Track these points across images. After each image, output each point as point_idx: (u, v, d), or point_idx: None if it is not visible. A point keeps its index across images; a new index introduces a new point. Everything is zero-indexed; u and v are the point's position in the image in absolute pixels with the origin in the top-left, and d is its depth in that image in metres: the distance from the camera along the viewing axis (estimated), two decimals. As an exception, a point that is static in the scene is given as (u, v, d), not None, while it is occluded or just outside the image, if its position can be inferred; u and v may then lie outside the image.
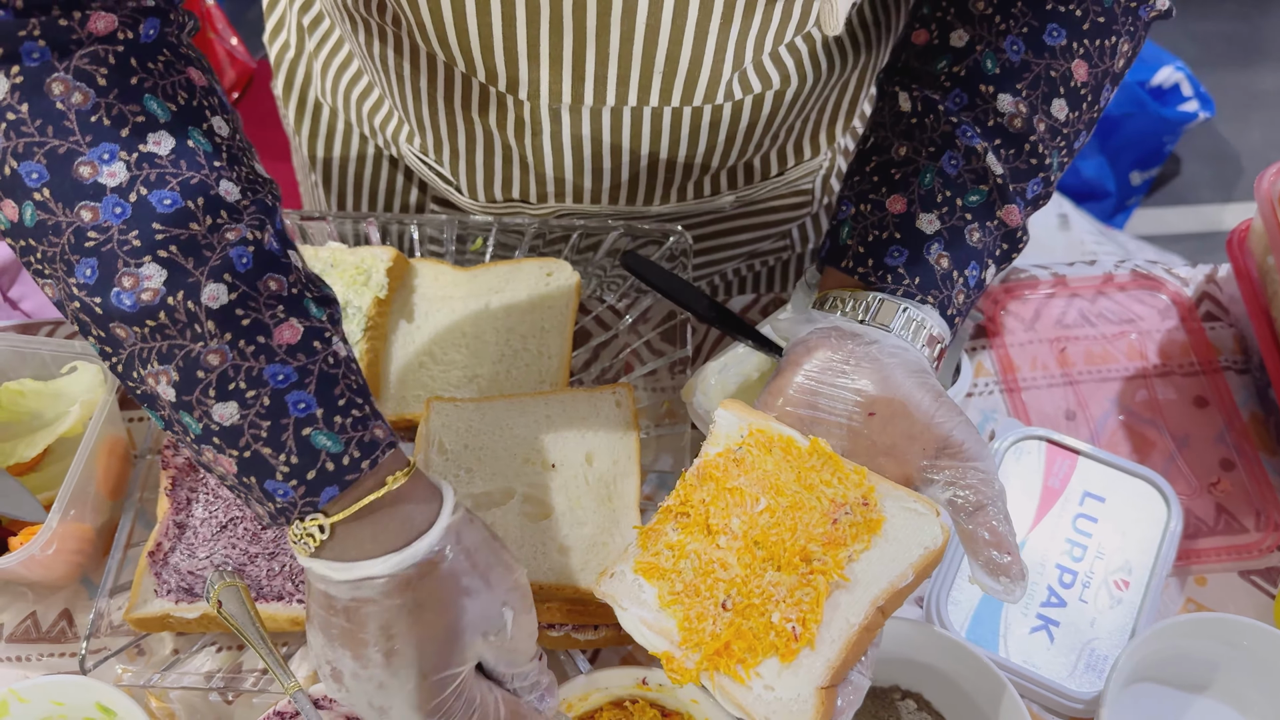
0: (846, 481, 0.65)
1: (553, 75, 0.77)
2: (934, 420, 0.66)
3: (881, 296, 0.70)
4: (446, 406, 0.82)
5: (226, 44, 1.67)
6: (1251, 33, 2.81)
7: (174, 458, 0.84)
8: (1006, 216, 0.71)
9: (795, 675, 0.60)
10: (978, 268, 0.71)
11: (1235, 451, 0.91)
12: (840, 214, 0.75)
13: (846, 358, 0.68)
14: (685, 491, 0.67)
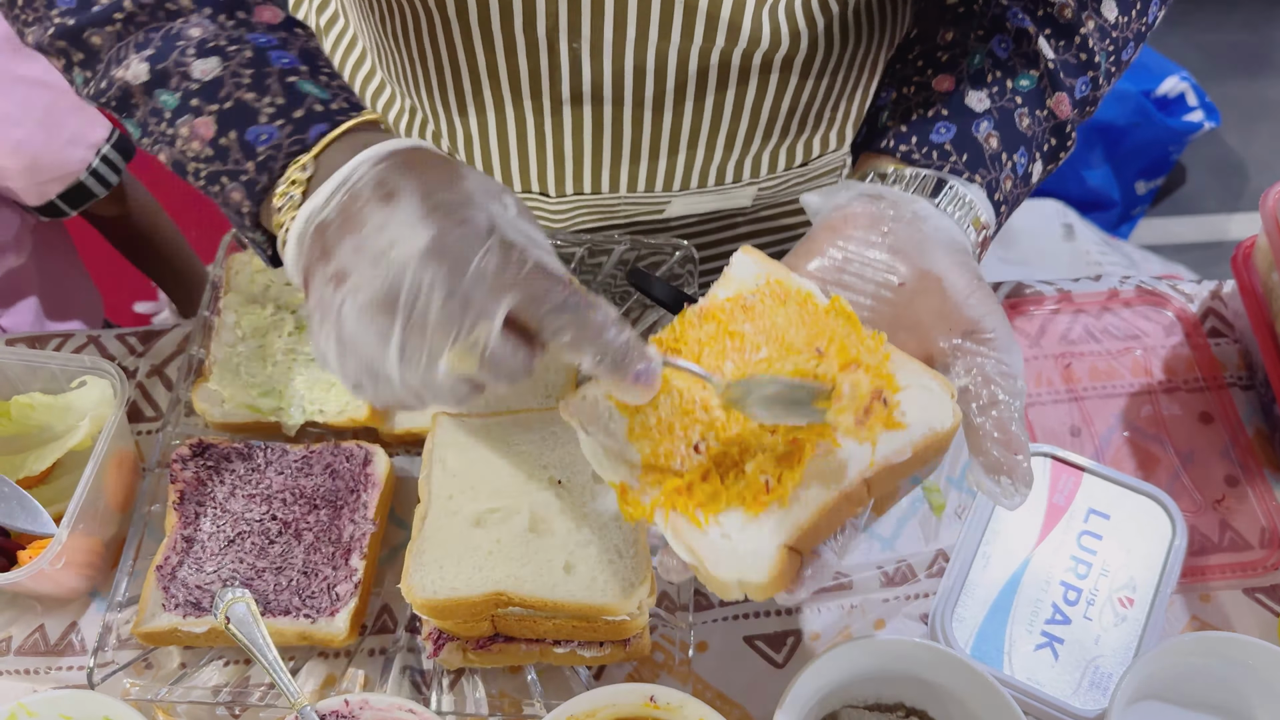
0: (861, 344, 0.59)
1: (571, 10, 0.74)
2: (967, 301, 0.62)
3: (926, 172, 0.66)
4: (452, 421, 0.83)
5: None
6: (1258, 43, 2.81)
7: (182, 472, 0.85)
8: (1057, 107, 0.69)
9: (759, 529, 0.54)
10: (1026, 156, 0.68)
11: (1240, 468, 0.91)
12: (879, 101, 0.72)
13: (884, 226, 0.64)
14: (682, 328, 0.61)
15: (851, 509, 0.56)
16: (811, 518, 0.54)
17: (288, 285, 0.93)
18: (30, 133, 1.03)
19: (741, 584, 0.54)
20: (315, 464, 0.85)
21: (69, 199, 1.10)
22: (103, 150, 1.12)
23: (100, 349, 0.97)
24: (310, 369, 0.89)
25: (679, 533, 0.55)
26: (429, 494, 0.78)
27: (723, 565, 0.54)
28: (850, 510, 0.56)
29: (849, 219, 0.65)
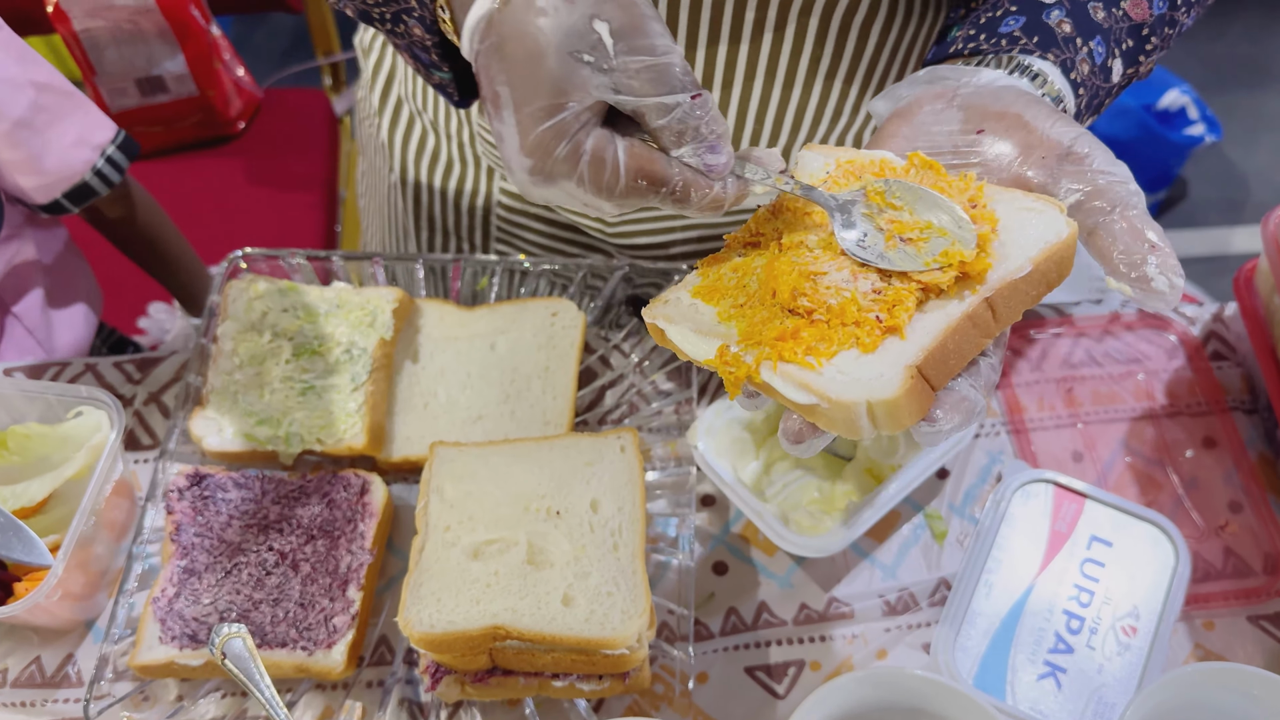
0: (951, 187, 0.56)
1: None
2: (1054, 129, 0.58)
3: (994, 56, 0.64)
4: (450, 451, 0.82)
5: (233, 74, 1.68)
6: (1259, 55, 2.81)
7: (179, 502, 0.84)
8: (1133, 8, 0.66)
9: (879, 359, 0.51)
10: (1103, 46, 0.66)
11: (1243, 493, 0.91)
12: (948, 21, 0.71)
13: (950, 94, 0.61)
14: (755, 224, 0.60)
15: (979, 337, 0.53)
16: (937, 339, 0.51)
17: (285, 312, 0.93)
18: (39, 134, 1.05)
19: (870, 405, 0.50)
20: (312, 493, 0.85)
21: (72, 197, 1.12)
22: (107, 151, 1.13)
23: (97, 377, 0.97)
24: (308, 397, 0.89)
25: (791, 378, 0.51)
26: (426, 525, 0.78)
27: (847, 390, 0.50)
28: (979, 338, 0.53)
29: (916, 101, 0.63)
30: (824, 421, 0.52)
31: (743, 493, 0.84)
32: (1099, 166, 0.56)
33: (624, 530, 0.77)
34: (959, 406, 0.52)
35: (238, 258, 0.97)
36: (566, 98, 0.53)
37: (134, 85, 1.58)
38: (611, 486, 0.79)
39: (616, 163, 0.54)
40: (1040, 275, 0.53)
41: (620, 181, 0.54)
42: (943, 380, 0.52)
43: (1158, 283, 0.53)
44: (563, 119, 0.54)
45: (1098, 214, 0.54)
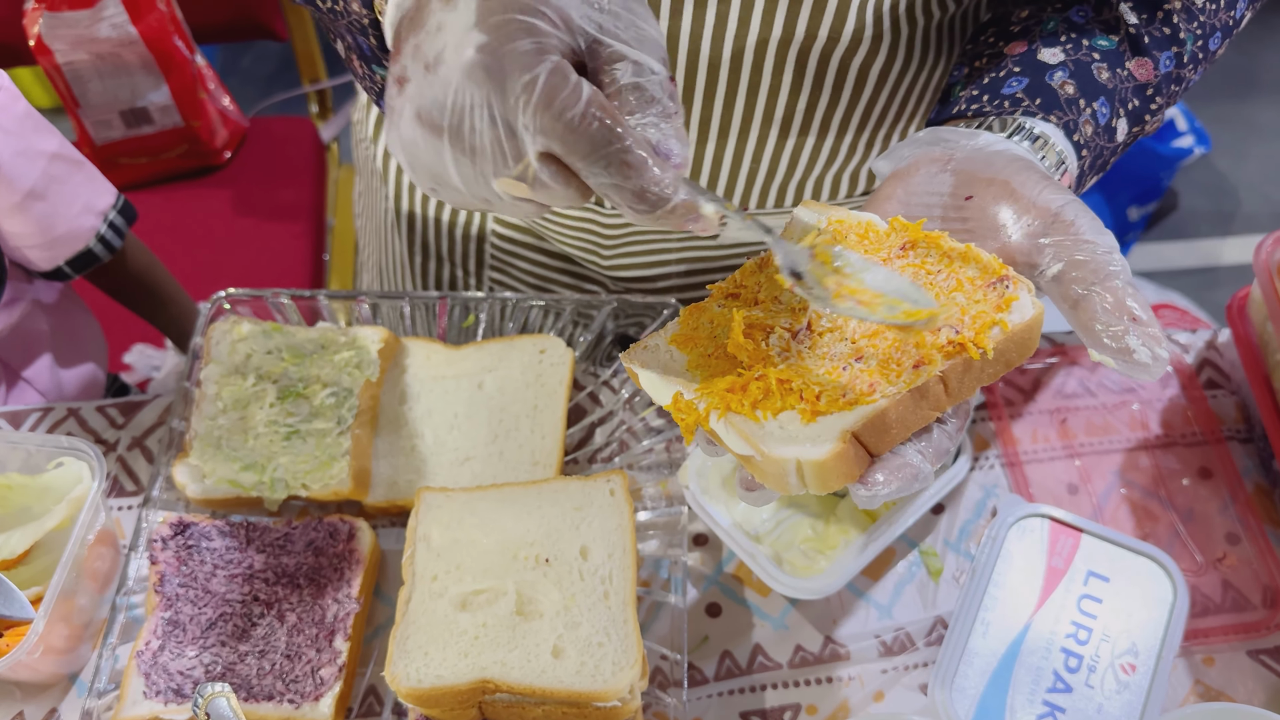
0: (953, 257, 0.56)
1: None
2: (1041, 195, 0.57)
3: (997, 118, 0.64)
4: (437, 497, 0.81)
5: (219, 104, 1.67)
6: (1248, 66, 2.81)
7: (162, 552, 0.83)
8: (1138, 69, 0.66)
9: (820, 424, 0.52)
10: (1108, 107, 0.66)
11: (1240, 525, 0.90)
12: (952, 79, 0.70)
13: (946, 158, 0.61)
14: (741, 276, 0.60)
15: (928, 409, 0.53)
16: (877, 408, 0.51)
17: (269, 354, 0.92)
18: (52, 205, 1.05)
19: (799, 463, 0.51)
20: (298, 541, 0.84)
21: (74, 263, 1.12)
22: (109, 216, 1.13)
23: (80, 422, 0.96)
24: (293, 441, 0.88)
25: (736, 428, 0.53)
26: (413, 575, 0.76)
27: (780, 446, 0.51)
28: (927, 410, 0.53)
29: (915, 163, 0.62)
30: (758, 474, 0.54)
31: (735, 534, 0.83)
32: (1085, 236, 0.55)
33: (614, 578, 0.75)
34: (900, 471, 0.52)
35: (221, 299, 0.96)
36: (548, 7, 0.47)
37: (118, 117, 1.57)
38: (601, 532, 0.78)
39: (580, 85, 0.47)
40: (1000, 356, 0.53)
41: (578, 104, 0.46)
42: (883, 447, 0.53)
43: (1140, 354, 0.52)
44: (536, 22, 0.47)
45: (1079, 284, 0.54)
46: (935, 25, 0.80)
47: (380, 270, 1.17)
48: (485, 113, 0.47)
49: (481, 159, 0.48)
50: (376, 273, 1.18)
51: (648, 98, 0.48)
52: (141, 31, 1.49)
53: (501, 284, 1.05)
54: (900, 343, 0.54)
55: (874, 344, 0.55)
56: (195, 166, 1.67)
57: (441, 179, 0.50)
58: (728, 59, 0.76)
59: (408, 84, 0.49)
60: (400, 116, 0.50)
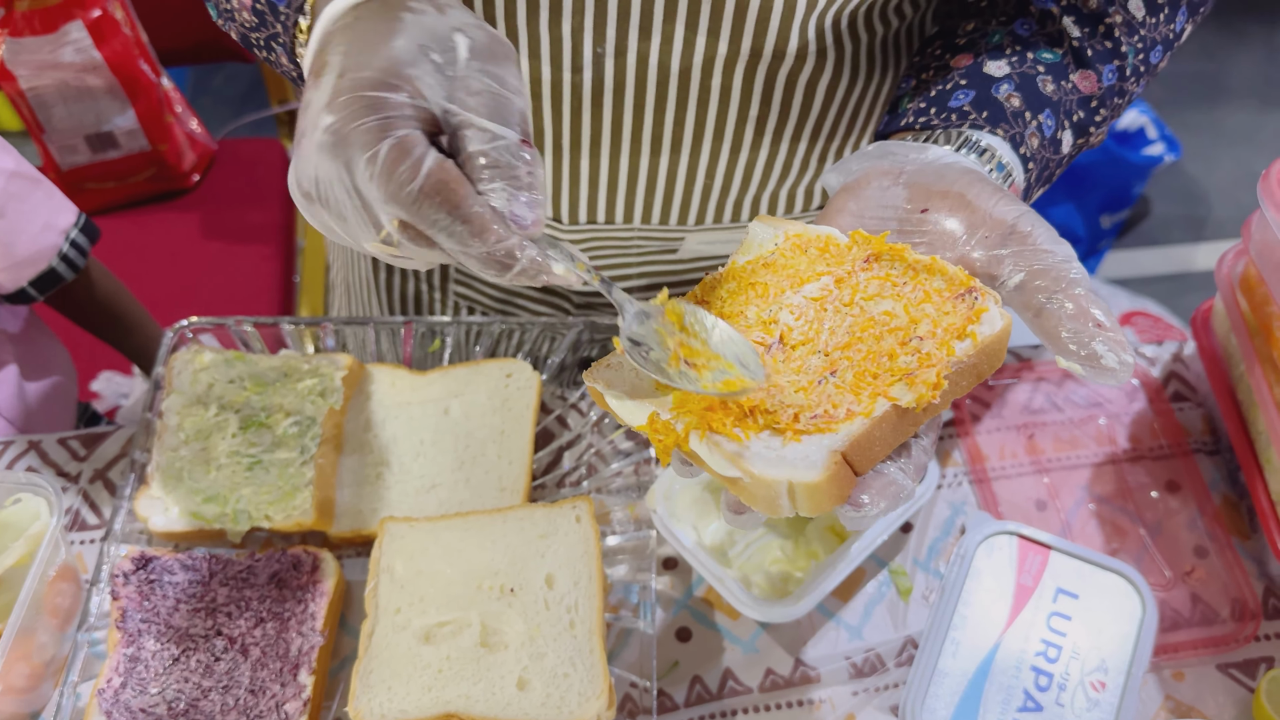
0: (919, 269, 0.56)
1: (598, 8, 0.71)
2: (997, 207, 0.57)
3: (944, 131, 0.65)
4: (400, 527, 0.80)
5: (186, 127, 1.66)
6: (1215, 72, 2.84)
7: (124, 587, 0.82)
8: (1082, 81, 0.68)
9: (805, 443, 0.51)
10: (1053, 119, 0.67)
11: (1208, 538, 0.90)
12: (899, 91, 0.71)
13: (897, 171, 0.61)
14: (702, 291, 0.60)
15: (907, 425, 0.53)
16: (865, 427, 0.51)
17: (231, 383, 0.91)
18: (11, 222, 1.04)
19: (792, 485, 0.50)
20: (261, 573, 0.83)
21: (39, 284, 1.11)
22: (71, 235, 1.12)
23: (41, 455, 0.95)
24: (255, 472, 0.87)
25: (718, 449, 0.52)
26: (376, 608, 0.76)
27: (770, 468, 0.50)
28: (906, 426, 0.53)
29: (865, 176, 0.62)
30: (746, 496, 0.52)
31: (703, 558, 0.83)
32: (1042, 245, 0.55)
33: (580, 606, 0.75)
34: (886, 490, 0.52)
35: (183, 327, 0.95)
36: (399, 80, 0.50)
37: (84, 142, 1.56)
38: (567, 560, 0.77)
39: (421, 159, 0.49)
40: (971, 368, 0.53)
41: (416, 180, 0.48)
42: (867, 465, 0.52)
43: (1107, 359, 0.52)
44: (384, 97, 0.50)
45: (1042, 294, 0.54)
46: (880, 40, 0.80)
47: (348, 287, 1.16)
48: (340, 187, 0.50)
49: (349, 226, 0.51)
50: (344, 289, 1.17)
51: (495, 164, 0.50)
52: (106, 56, 1.48)
53: (466, 298, 1.05)
54: (873, 354, 0.54)
55: (847, 356, 0.54)
56: (163, 190, 1.66)
57: (333, 233, 0.53)
58: (676, 76, 0.76)
59: (292, 154, 0.53)
60: (291, 184, 0.53)
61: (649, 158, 0.83)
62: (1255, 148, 2.69)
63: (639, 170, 0.84)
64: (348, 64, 0.51)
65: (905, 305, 0.55)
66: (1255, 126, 2.75)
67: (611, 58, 0.75)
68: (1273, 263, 0.83)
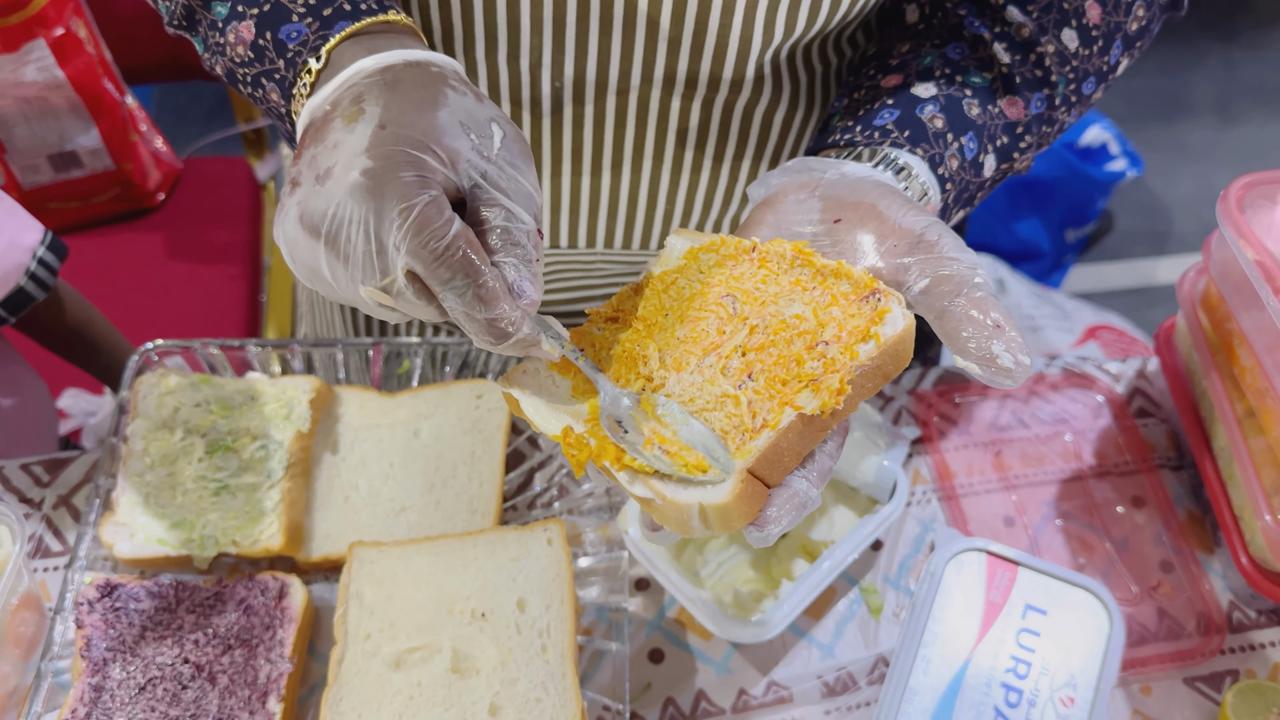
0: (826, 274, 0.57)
1: (555, 45, 0.73)
2: (906, 217, 0.59)
3: (865, 148, 0.66)
4: (369, 552, 0.80)
5: (151, 146, 1.64)
6: (1176, 89, 2.88)
7: (89, 615, 0.81)
8: (1009, 107, 0.69)
9: None
10: (975, 142, 0.68)
11: (1173, 553, 0.91)
12: (832, 110, 0.72)
13: (813, 184, 0.63)
14: (618, 301, 0.61)
15: (815, 432, 0.54)
16: (770, 441, 0.52)
17: (197, 407, 0.90)
18: None
19: (703, 508, 0.51)
20: (229, 600, 0.82)
21: (9, 306, 1.09)
22: (38, 253, 1.10)
23: (4, 481, 0.93)
24: (222, 497, 0.86)
25: (628, 468, 0.53)
26: (345, 634, 0.75)
27: (681, 492, 0.51)
28: (815, 433, 0.54)
29: (783, 190, 0.64)
30: (658, 516, 0.54)
31: (675, 579, 0.83)
32: (948, 254, 0.57)
33: (552, 630, 0.75)
34: (790, 502, 0.53)
35: (149, 350, 0.94)
36: (440, 149, 0.52)
37: (46, 161, 1.54)
38: (539, 583, 0.77)
39: (451, 220, 0.51)
40: (876, 369, 0.54)
41: (445, 239, 0.50)
42: (778, 477, 0.53)
43: (1003, 359, 0.53)
44: (425, 159, 0.52)
45: (944, 298, 0.55)
46: (834, 71, 0.82)
47: (312, 306, 1.16)
48: (361, 229, 0.51)
49: (353, 266, 0.52)
50: (309, 308, 1.17)
51: (513, 241, 0.53)
52: (69, 75, 1.46)
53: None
54: (783, 359, 0.55)
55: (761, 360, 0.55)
56: (127, 209, 1.64)
57: (316, 275, 0.54)
58: (634, 105, 0.78)
59: (299, 188, 0.53)
60: (287, 215, 0.54)
61: (610, 182, 0.84)
62: (1215, 163, 2.73)
63: (600, 195, 0.85)
64: (389, 118, 0.53)
65: (814, 309, 0.56)
66: (1214, 142, 2.79)
67: (570, 89, 0.76)
68: (1232, 281, 0.84)
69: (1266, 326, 0.80)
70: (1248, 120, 2.84)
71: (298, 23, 0.59)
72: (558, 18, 0.71)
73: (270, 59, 0.60)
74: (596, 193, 0.85)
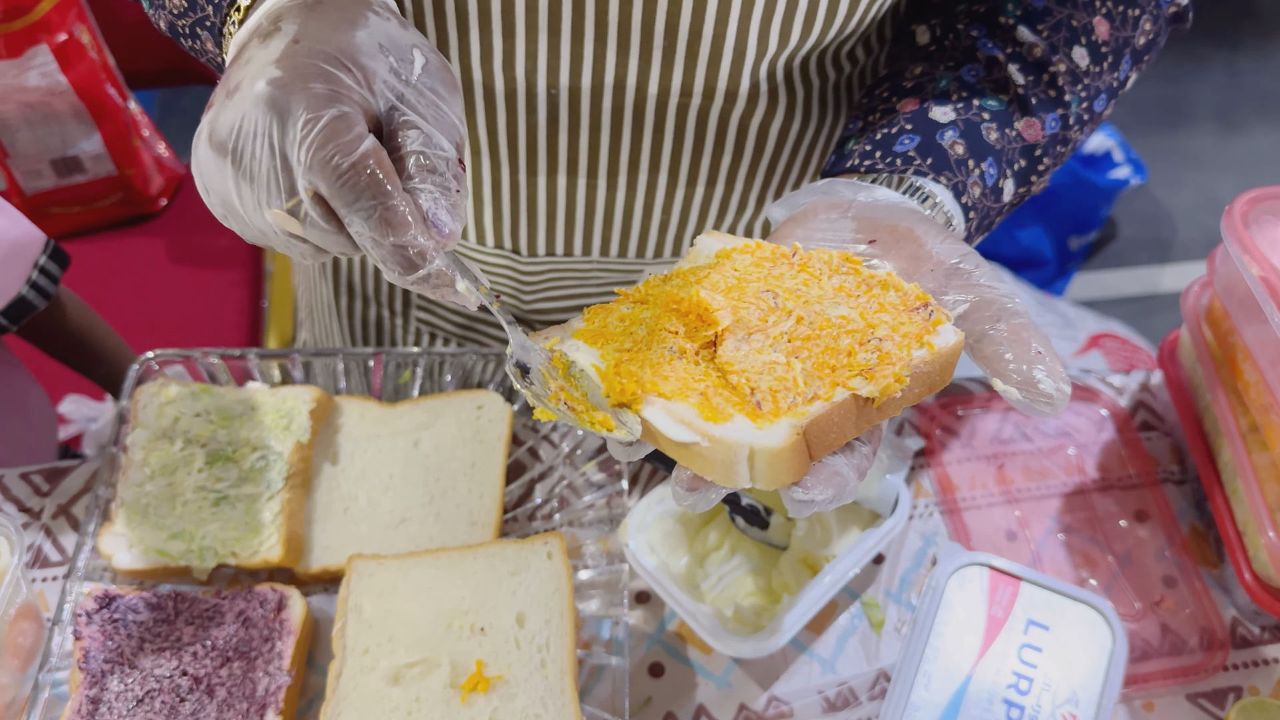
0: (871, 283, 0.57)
1: (550, 51, 0.72)
2: (942, 245, 0.59)
3: (889, 175, 0.66)
4: (368, 565, 0.79)
5: (153, 151, 1.64)
6: (1180, 97, 2.88)
7: (87, 627, 0.81)
8: (1026, 130, 0.69)
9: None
10: (995, 168, 0.68)
11: (1176, 567, 0.91)
12: (846, 131, 0.72)
13: (845, 206, 0.63)
14: (646, 289, 0.59)
15: (860, 421, 0.53)
16: (825, 409, 0.50)
17: (197, 417, 0.90)
18: None
19: (752, 451, 0.49)
20: (227, 612, 0.81)
21: (10, 314, 1.09)
22: (39, 261, 1.10)
23: (3, 490, 0.93)
24: (221, 507, 0.86)
25: (673, 412, 0.51)
26: (343, 648, 0.75)
27: (731, 431, 0.49)
28: (859, 423, 0.53)
29: (813, 208, 0.63)
30: (700, 464, 0.51)
31: (676, 592, 0.82)
32: (984, 281, 0.56)
33: (552, 645, 0.74)
34: (832, 480, 0.51)
35: (150, 359, 0.94)
36: (355, 66, 0.50)
37: (49, 166, 1.54)
38: (539, 597, 0.77)
39: (361, 137, 0.48)
40: (924, 377, 0.53)
41: (351, 155, 0.47)
42: (820, 452, 0.52)
43: (1044, 385, 0.53)
44: (338, 74, 0.49)
45: (984, 322, 0.55)
46: (831, 85, 0.81)
47: (311, 313, 1.15)
48: (265, 141, 0.48)
49: (258, 186, 0.49)
50: (308, 314, 1.17)
51: (429, 167, 0.50)
52: (72, 80, 1.46)
53: (429, 324, 1.04)
54: (831, 350, 0.54)
55: (807, 347, 0.54)
56: (129, 215, 1.64)
57: (228, 204, 0.51)
58: (630, 112, 0.77)
59: (211, 109, 0.51)
60: (199, 137, 0.51)
61: (605, 189, 0.84)
62: (1218, 171, 2.73)
63: (595, 202, 0.85)
64: (305, 33, 0.51)
65: (861, 313, 0.55)
66: (1217, 150, 2.79)
67: (566, 95, 0.76)
68: (1236, 297, 0.84)
69: (1271, 342, 0.79)
70: (1252, 128, 2.83)
71: None
72: (553, 25, 0.71)
73: (200, 6, 0.59)
74: (592, 200, 0.85)
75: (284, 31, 0.51)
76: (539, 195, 0.85)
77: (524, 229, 0.88)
